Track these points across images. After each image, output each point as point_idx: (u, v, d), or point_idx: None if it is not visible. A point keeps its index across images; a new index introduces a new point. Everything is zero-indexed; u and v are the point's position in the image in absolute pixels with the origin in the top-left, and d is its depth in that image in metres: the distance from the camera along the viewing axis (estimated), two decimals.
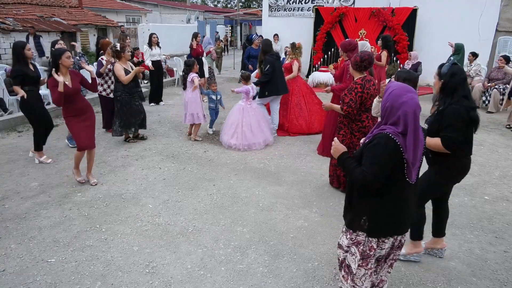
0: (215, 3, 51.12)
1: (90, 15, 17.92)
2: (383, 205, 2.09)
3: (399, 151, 1.97)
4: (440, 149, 2.71)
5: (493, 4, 10.45)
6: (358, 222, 2.14)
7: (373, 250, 2.14)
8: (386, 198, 2.08)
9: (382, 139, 1.98)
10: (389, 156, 1.97)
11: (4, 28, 11.87)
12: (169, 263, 3.09)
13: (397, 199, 2.09)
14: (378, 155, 1.98)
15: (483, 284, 2.89)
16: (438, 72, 2.81)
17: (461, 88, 2.72)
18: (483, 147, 6.02)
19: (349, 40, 5.16)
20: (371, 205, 2.10)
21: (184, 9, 28.50)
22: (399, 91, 2.00)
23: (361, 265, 2.18)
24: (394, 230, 2.14)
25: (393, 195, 2.08)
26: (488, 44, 10.49)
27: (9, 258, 3.10)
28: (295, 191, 4.43)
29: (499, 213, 3.99)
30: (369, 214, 2.10)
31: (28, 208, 3.93)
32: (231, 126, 5.97)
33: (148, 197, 4.22)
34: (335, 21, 11.70)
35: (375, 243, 2.13)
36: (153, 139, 6.29)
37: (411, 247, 3.12)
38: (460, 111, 2.65)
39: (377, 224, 2.10)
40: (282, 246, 3.33)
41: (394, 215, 2.10)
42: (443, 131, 2.68)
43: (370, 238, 2.13)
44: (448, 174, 2.86)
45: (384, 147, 1.97)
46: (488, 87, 8.37)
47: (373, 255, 2.16)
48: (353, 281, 2.24)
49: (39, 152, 5.17)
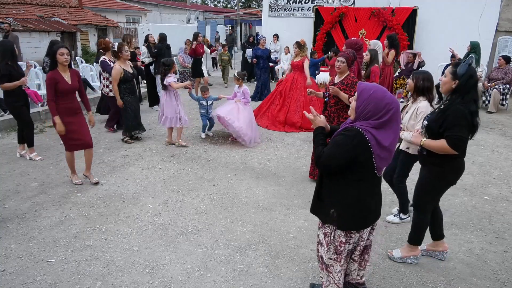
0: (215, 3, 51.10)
1: (90, 15, 17.93)
2: (348, 198, 2.16)
3: (366, 146, 2.03)
4: (446, 151, 2.62)
5: (493, 4, 10.44)
6: (326, 215, 2.22)
7: (343, 245, 2.22)
8: (351, 191, 2.15)
9: (352, 131, 2.06)
10: (350, 149, 2.03)
11: (4, 28, 11.86)
12: (169, 263, 3.09)
13: (364, 193, 2.17)
14: (340, 144, 2.07)
15: (483, 284, 2.89)
16: (453, 72, 2.67)
17: (474, 91, 2.64)
18: (483, 147, 6.02)
19: (355, 39, 5.16)
20: (339, 198, 2.18)
21: (184, 9, 28.50)
22: (380, 94, 2.05)
23: (335, 259, 2.27)
24: (362, 223, 2.21)
25: (359, 188, 2.15)
26: (488, 44, 10.48)
27: (9, 258, 3.10)
28: (295, 191, 4.43)
29: (499, 213, 3.99)
30: (337, 207, 2.18)
31: (28, 208, 3.93)
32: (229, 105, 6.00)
33: (148, 197, 4.22)
34: (335, 21, 11.68)
35: (343, 237, 2.21)
36: (153, 139, 6.29)
37: (408, 250, 3.10)
38: (465, 112, 2.57)
39: (344, 217, 2.17)
40: (282, 246, 3.33)
41: (360, 209, 2.17)
42: (449, 131, 2.60)
43: (338, 231, 2.20)
44: (443, 175, 2.81)
45: (350, 139, 2.04)
46: (488, 87, 8.37)
47: (343, 250, 2.23)
48: (330, 272, 2.33)
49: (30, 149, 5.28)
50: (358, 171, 2.10)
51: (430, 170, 2.84)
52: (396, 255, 3.13)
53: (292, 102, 6.89)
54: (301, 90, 6.82)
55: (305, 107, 6.63)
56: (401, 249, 3.16)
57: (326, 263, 2.32)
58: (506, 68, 8.35)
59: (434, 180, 2.85)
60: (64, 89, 4.08)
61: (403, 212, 3.74)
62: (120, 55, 5.67)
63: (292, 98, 6.89)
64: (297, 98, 6.85)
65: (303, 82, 6.90)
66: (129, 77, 5.70)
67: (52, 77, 4.03)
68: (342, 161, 2.06)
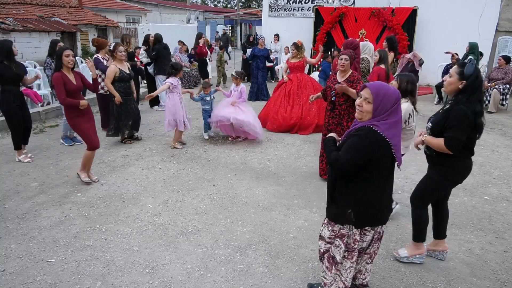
0: (215, 3, 51.10)
1: (90, 15, 17.93)
2: (366, 197, 2.19)
3: (382, 142, 2.07)
4: (442, 150, 2.66)
5: (493, 4, 10.45)
6: (344, 216, 2.23)
7: (357, 243, 2.26)
8: (369, 190, 2.19)
9: (363, 131, 2.11)
10: (365, 148, 2.08)
11: (4, 28, 11.87)
12: (169, 263, 3.09)
13: (380, 190, 2.21)
14: (355, 144, 2.11)
15: (483, 284, 2.89)
16: (460, 72, 2.63)
17: (479, 91, 2.63)
18: (483, 147, 6.02)
19: (351, 39, 5.22)
20: (354, 198, 2.21)
21: (184, 9, 28.49)
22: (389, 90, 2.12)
23: (347, 257, 2.30)
24: (377, 220, 2.26)
25: (375, 186, 2.19)
26: (488, 44, 10.49)
27: (9, 258, 3.10)
28: (295, 191, 4.43)
29: (499, 213, 3.99)
30: (353, 207, 2.21)
31: (28, 208, 3.93)
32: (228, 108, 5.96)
33: (148, 197, 4.22)
34: (335, 21, 11.69)
35: (358, 235, 2.25)
36: (153, 139, 6.29)
37: (413, 249, 3.09)
38: (467, 113, 2.55)
39: (361, 215, 2.21)
40: (282, 246, 3.33)
41: (376, 205, 2.22)
42: (447, 132, 2.61)
43: (354, 230, 2.24)
44: (451, 175, 2.82)
45: (364, 138, 2.09)
46: (488, 87, 8.37)
47: (357, 247, 2.28)
48: (338, 271, 2.36)
49: (18, 151, 5.20)
50: (372, 169, 2.13)
51: (439, 170, 2.84)
52: (402, 254, 3.12)
53: (305, 100, 6.68)
54: (309, 88, 6.73)
55: (316, 104, 6.66)
56: (406, 248, 3.15)
57: (337, 261, 2.32)
58: (506, 68, 8.35)
59: (441, 180, 2.85)
60: (70, 89, 4.15)
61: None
62: (115, 54, 5.65)
63: (304, 95, 6.70)
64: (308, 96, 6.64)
65: (309, 80, 6.93)
66: (124, 77, 5.64)
67: (59, 76, 4.09)
68: (360, 161, 2.09)
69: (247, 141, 6.22)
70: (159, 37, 8.29)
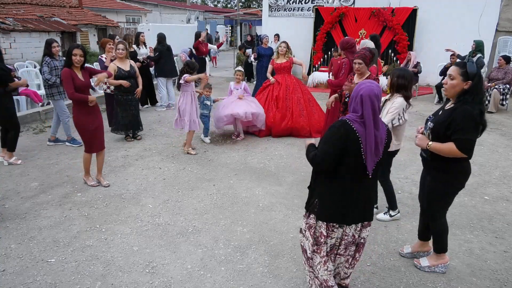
0: (215, 3, 51.09)
1: (90, 15, 17.92)
2: (333, 190, 2.23)
3: (354, 136, 2.09)
4: (455, 154, 2.52)
5: (493, 4, 10.45)
6: (311, 204, 2.31)
7: (324, 237, 2.27)
8: (336, 184, 2.22)
9: (338, 123, 2.17)
10: (338, 139, 2.11)
11: (4, 28, 11.86)
12: (169, 263, 3.09)
13: (348, 188, 2.21)
14: (329, 136, 2.17)
15: (483, 284, 2.89)
16: (463, 73, 2.51)
17: (482, 91, 2.58)
18: (483, 147, 6.01)
19: (348, 38, 5.23)
20: (322, 188, 2.26)
21: (184, 9, 28.49)
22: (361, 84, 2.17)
23: (316, 251, 2.32)
24: (341, 218, 2.25)
25: (344, 183, 2.20)
26: (488, 44, 10.48)
27: (9, 258, 3.10)
28: (295, 191, 4.43)
29: (499, 213, 3.99)
30: (319, 196, 2.26)
31: (28, 208, 3.93)
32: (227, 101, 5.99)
33: (148, 197, 4.22)
34: (335, 21, 11.69)
35: (324, 229, 2.27)
36: (153, 139, 6.29)
37: (435, 258, 3.00)
38: (473, 112, 2.46)
39: (325, 207, 2.24)
40: (282, 246, 3.33)
41: (343, 203, 2.22)
42: (457, 134, 2.48)
43: (319, 222, 2.27)
44: (451, 183, 2.74)
45: (337, 130, 2.14)
46: (488, 87, 8.37)
47: (323, 242, 2.29)
48: (310, 267, 2.39)
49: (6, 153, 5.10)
50: (348, 165, 2.16)
51: (435, 177, 2.76)
52: (423, 264, 3.02)
53: (295, 106, 6.50)
54: (298, 91, 6.58)
55: (307, 108, 6.55)
56: (428, 258, 3.05)
57: (308, 256, 2.37)
58: (506, 68, 8.34)
59: (441, 188, 2.76)
60: (78, 85, 4.15)
61: (392, 208, 3.75)
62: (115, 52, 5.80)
63: (293, 101, 6.51)
64: (298, 101, 6.53)
65: (297, 82, 6.71)
66: (122, 75, 5.68)
67: (67, 71, 4.12)
68: (336, 153, 2.12)
69: (247, 141, 6.22)
70: (163, 36, 8.09)
